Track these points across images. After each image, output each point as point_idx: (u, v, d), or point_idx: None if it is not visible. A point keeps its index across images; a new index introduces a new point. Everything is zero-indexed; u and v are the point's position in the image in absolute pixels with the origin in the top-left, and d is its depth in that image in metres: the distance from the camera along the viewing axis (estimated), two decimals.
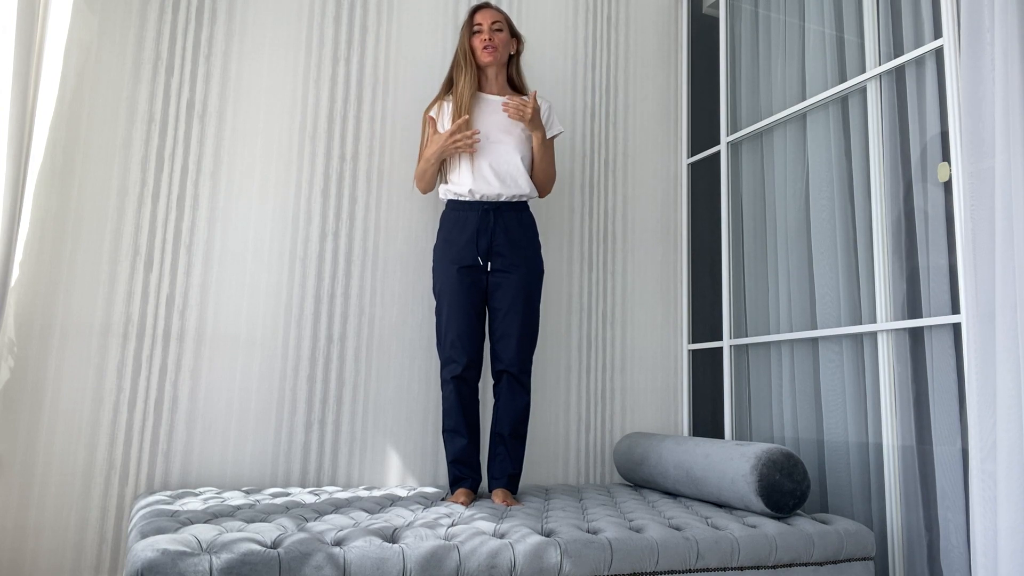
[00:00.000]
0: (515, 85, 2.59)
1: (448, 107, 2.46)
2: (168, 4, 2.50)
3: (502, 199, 2.39)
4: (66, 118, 2.33)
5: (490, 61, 2.46)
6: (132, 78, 2.43)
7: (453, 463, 2.32)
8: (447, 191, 2.43)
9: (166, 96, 2.46)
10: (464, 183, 2.39)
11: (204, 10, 2.54)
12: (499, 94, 2.50)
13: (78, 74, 2.36)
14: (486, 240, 2.36)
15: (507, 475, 2.31)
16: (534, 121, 2.39)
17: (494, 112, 2.46)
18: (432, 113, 2.48)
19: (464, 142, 2.33)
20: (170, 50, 2.48)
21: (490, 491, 2.32)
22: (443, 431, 2.36)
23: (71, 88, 2.35)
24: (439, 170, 2.47)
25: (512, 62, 2.58)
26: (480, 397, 2.73)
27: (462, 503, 2.14)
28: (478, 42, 2.47)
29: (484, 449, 2.71)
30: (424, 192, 2.52)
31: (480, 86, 2.50)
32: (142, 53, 2.45)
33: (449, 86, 2.50)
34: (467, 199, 2.39)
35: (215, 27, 2.55)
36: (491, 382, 2.75)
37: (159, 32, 2.48)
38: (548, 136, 2.51)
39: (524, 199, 2.44)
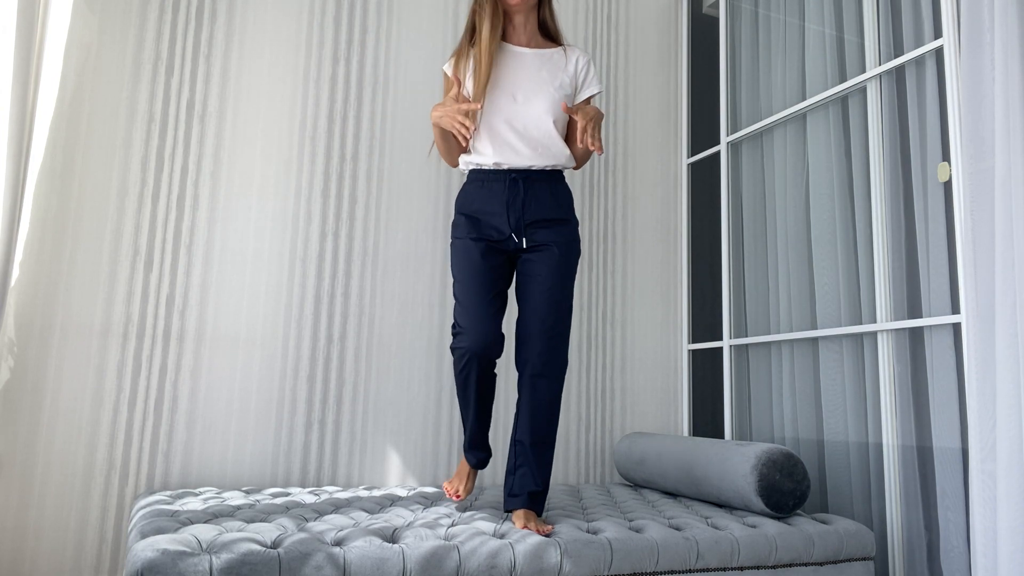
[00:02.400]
0: (549, 32, 2.18)
1: (471, 63, 2.07)
2: (168, 4, 2.50)
3: (533, 169, 2.04)
4: (66, 118, 2.33)
5: (518, 5, 2.06)
6: (132, 78, 2.43)
7: (465, 432, 2.10)
8: (468, 161, 2.09)
9: (166, 96, 2.46)
10: (487, 152, 2.03)
11: (204, 10, 2.54)
12: (527, 45, 2.12)
13: (78, 74, 2.36)
14: (516, 214, 2.00)
15: (527, 493, 1.90)
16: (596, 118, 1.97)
17: (521, 67, 2.07)
18: (447, 69, 2.12)
19: (460, 125, 1.91)
20: (170, 50, 2.48)
21: (506, 510, 1.94)
22: (457, 394, 2.07)
23: (71, 88, 2.35)
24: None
25: (544, 3, 2.16)
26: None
27: (465, 490, 2.13)
28: None
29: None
30: (452, 165, 2.18)
31: (505, 35, 2.11)
32: (142, 53, 2.45)
33: (471, 35, 2.10)
34: (490, 167, 2.05)
35: (215, 27, 2.55)
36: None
37: (159, 32, 2.48)
38: (583, 99, 2.14)
39: (559, 168, 2.09)
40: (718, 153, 3.12)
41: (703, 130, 3.35)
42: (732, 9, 3.12)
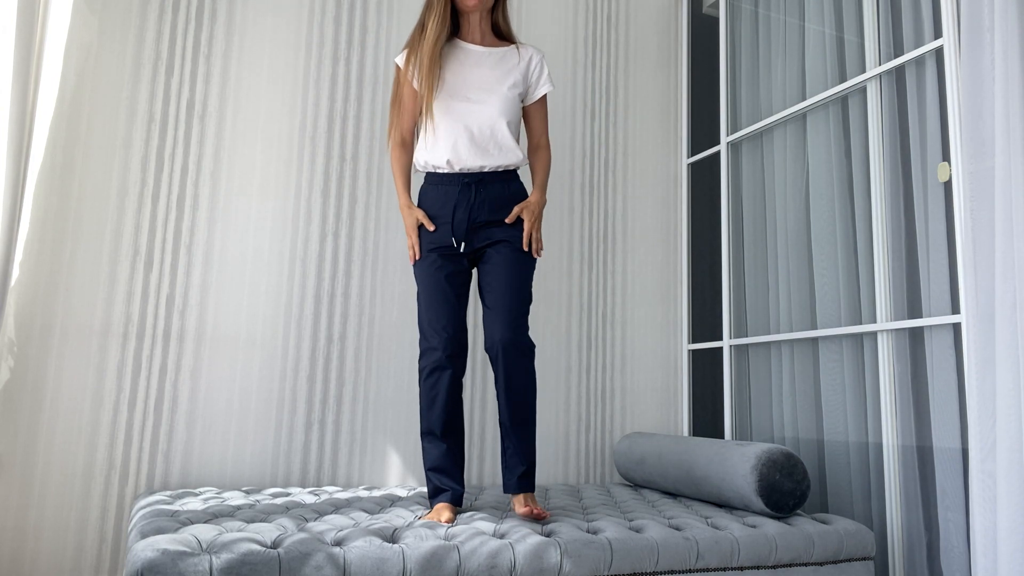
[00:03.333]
0: (501, 33, 2.21)
1: (452, 53, 2.11)
2: (168, 4, 2.50)
3: (486, 170, 2.06)
4: (66, 118, 2.33)
5: (475, 6, 2.08)
6: (132, 78, 2.43)
7: (431, 471, 1.99)
8: (422, 162, 2.10)
9: (166, 96, 2.46)
10: (440, 153, 2.05)
11: (204, 10, 2.54)
12: (480, 43, 2.15)
13: (78, 74, 2.36)
14: (464, 218, 2.03)
15: (516, 477, 1.97)
16: (537, 216, 2.10)
17: (475, 65, 2.10)
18: (399, 61, 2.13)
19: (410, 250, 2.08)
20: (170, 50, 2.48)
21: (505, 491, 2.03)
22: (421, 434, 2.04)
23: (71, 88, 2.35)
24: (413, 136, 2.16)
25: (498, 6, 2.19)
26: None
27: (445, 521, 1.81)
28: None
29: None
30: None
31: (459, 33, 2.15)
32: (142, 53, 2.45)
33: (423, 30, 2.11)
34: (446, 171, 2.06)
35: (215, 27, 2.55)
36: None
37: (159, 32, 2.48)
38: (537, 98, 2.18)
39: (512, 168, 2.10)
40: (718, 153, 3.12)
41: (703, 130, 3.35)
42: (732, 9, 3.12)
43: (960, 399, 2.11)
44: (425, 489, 2.42)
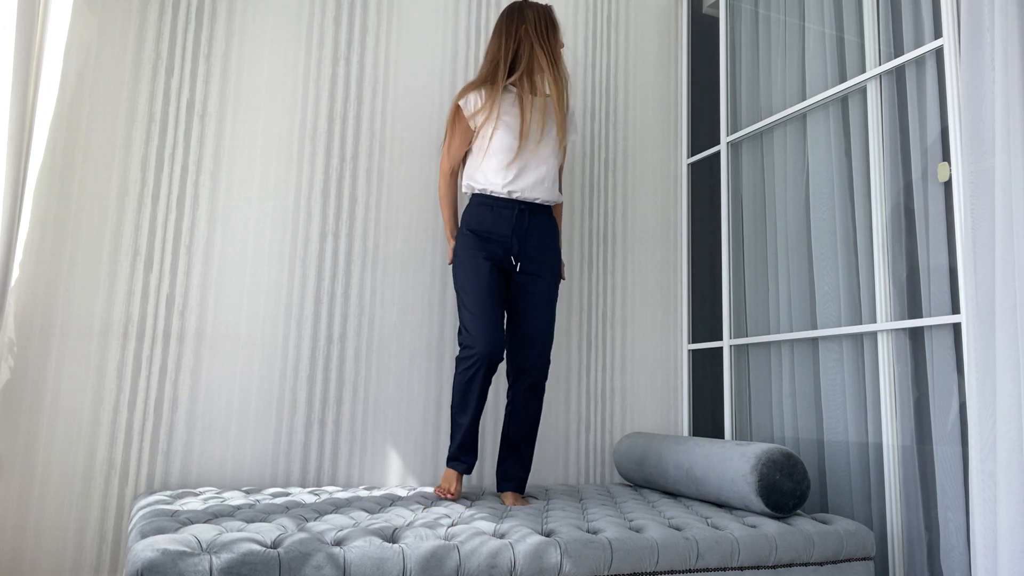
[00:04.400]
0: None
1: (509, 98, 2.41)
2: (168, 4, 2.50)
3: (538, 201, 2.39)
4: (66, 118, 2.33)
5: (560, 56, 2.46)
6: (132, 78, 2.43)
7: (455, 442, 2.29)
8: (477, 186, 2.39)
9: (166, 96, 2.46)
10: (498, 182, 2.35)
11: (204, 10, 2.54)
12: (537, 94, 2.49)
13: (78, 74, 2.36)
14: (520, 240, 2.35)
15: (516, 479, 2.33)
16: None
17: (535, 110, 2.43)
18: (467, 105, 2.42)
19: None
20: (170, 50, 2.48)
21: (499, 491, 2.34)
22: (452, 407, 2.31)
23: (71, 88, 2.35)
24: (462, 164, 2.48)
25: None
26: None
27: (455, 481, 2.22)
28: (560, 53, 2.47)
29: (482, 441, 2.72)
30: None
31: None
32: (142, 53, 2.45)
33: (494, 68, 2.42)
34: (501, 195, 2.36)
35: (215, 27, 2.55)
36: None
37: (159, 32, 2.48)
38: (568, 141, 2.53)
39: (553, 203, 2.44)
40: (718, 153, 3.12)
41: (703, 130, 3.35)
42: (732, 9, 3.11)
43: (960, 399, 2.11)
44: (426, 489, 2.42)
